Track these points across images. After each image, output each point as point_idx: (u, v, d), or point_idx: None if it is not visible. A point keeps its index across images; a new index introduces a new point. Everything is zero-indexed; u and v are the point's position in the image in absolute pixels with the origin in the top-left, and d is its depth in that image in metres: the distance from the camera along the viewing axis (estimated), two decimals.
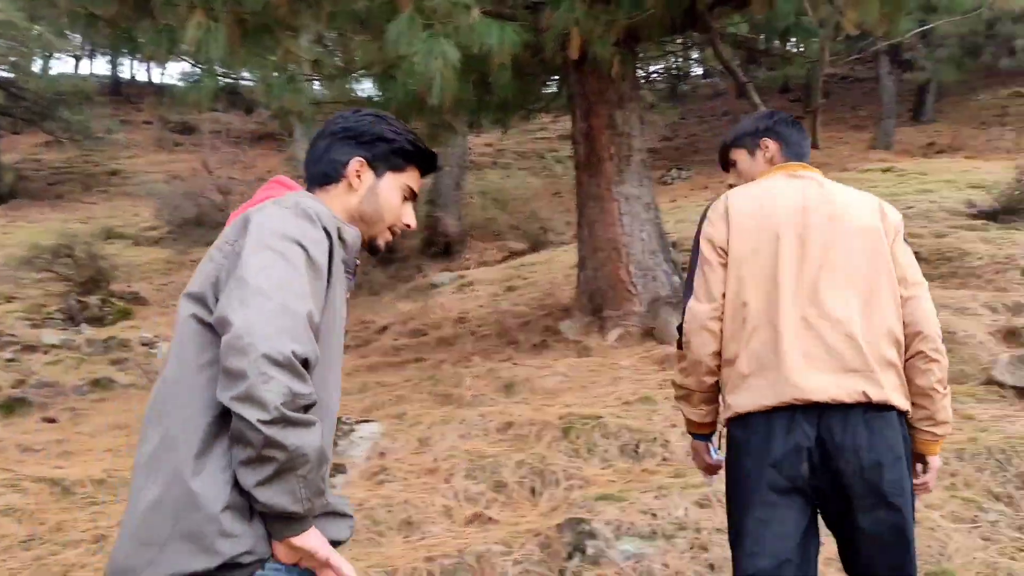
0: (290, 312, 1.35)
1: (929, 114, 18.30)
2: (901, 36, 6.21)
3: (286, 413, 1.30)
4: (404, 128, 1.80)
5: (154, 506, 1.37)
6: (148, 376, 9.18)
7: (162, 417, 1.43)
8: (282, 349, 1.31)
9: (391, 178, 1.77)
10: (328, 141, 1.75)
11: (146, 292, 14.88)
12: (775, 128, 2.40)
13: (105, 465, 4.77)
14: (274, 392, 1.29)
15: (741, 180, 2.41)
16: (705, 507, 3.71)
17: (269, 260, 1.40)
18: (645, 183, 6.69)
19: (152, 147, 27.78)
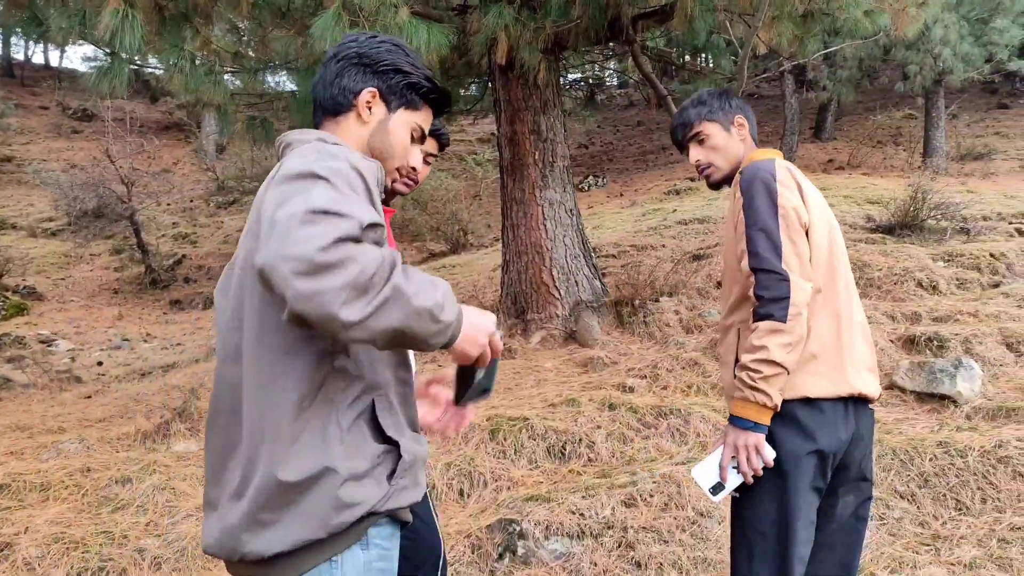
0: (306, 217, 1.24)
1: (829, 132, 19.27)
2: (807, 57, 6.53)
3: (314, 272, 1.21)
4: (420, 62, 1.67)
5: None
6: (48, 375, 8.74)
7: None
8: (298, 256, 1.21)
9: (403, 115, 1.64)
10: (340, 65, 1.61)
11: (43, 287, 14.15)
12: (743, 107, 2.36)
13: (7, 469, 4.52)
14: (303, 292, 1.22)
15: (715, 156, 2.31)
16: (631, 506, 3.82)
17: (284, 194, 1.30)
18: (568, 188, 6.81)
19: (49, 134, 26.35)
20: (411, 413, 1.58)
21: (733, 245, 2.21)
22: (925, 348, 5.53)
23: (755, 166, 2.16)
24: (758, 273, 2.03)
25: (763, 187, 2.09)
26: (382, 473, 1.45)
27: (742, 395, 2.05)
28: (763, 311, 2.01)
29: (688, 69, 9.06)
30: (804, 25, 6.31)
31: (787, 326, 1.99)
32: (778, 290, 2.01)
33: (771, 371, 2.00)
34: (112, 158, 17.33)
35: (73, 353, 10.43)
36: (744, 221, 2.10)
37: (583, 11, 5.45)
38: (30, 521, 3.88)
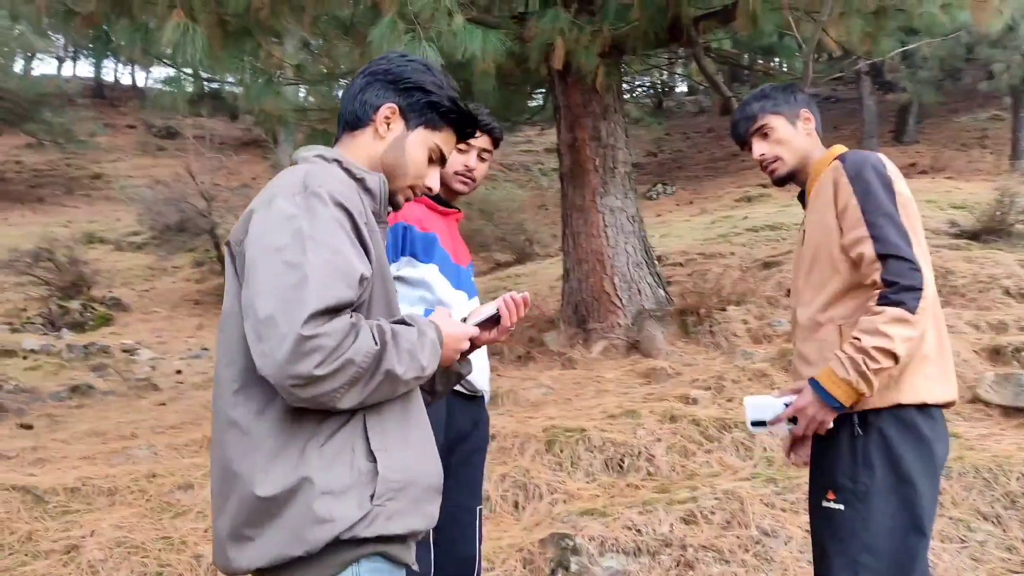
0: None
1: (911, 135, 18.51)
2: (883, 56, 6.25)
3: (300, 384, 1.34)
4: (451, 84, 1.65)
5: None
6: (128, 383, 9.06)
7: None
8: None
9: (422, 134, 1.62)
10: (366, 80, 1.62)
11: (128, 298, 14.74)
12: (809, 101, 2.26)
13: (80, 473, 4.67)
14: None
15: (781, 150, 2.21)
16: (691, 523, 3.68)
17: (273, 272, 1.37)
18: (630, 195, 6.69)
19: (135, 151, 27.56)
20: (419, 426, 1.56)
21: (829, 235, 2.06)
22: (1012, 359, 5.20)
23: (859, 153, 2.08)
24: (888, 259, 1.91)
25: (876, 174, 2.01)
26: (365, 492, 1.40)
27: (845, 374, 1.91)
28: (895, 297, 1.90)
29: (758, 71, 8.80)
30: (876, 22, 6.04)
31: (915, 318, 1.89)
32: (912, 279, 1.90)
33: (887, 363, 1.89)
34: (193, 174, 18.00)
35: (154, 362, 10.80)
36: (860, 207, 1.98)
37: (641, 13, 5.34)
38: (96, 524, 3.98)
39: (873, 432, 1.98)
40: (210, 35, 5.22)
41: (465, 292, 2.51)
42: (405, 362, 1.41)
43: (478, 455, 2.57)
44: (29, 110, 21.97)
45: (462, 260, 2.56)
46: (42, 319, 12.32)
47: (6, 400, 7.74)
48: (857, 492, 1.95)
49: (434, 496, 1.55)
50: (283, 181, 1.46)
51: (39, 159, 25.51)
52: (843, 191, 2.02)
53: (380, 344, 1.37)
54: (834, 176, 2.07)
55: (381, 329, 1.40)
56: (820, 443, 2.08)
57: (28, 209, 22.03)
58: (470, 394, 2.49)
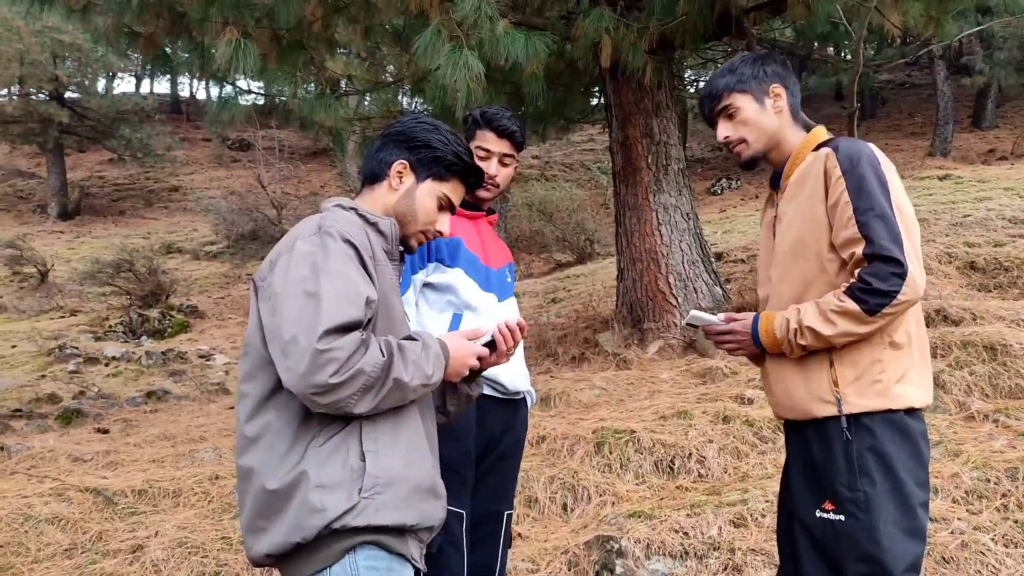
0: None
1: (990, 120, 17.69)
2: (951, 39, 5.98)
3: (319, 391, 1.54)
4: (457, 140, 1.88)
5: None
6: (201, 388, 9.40)
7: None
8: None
9: (430, 185, 1.85)
10: (382, 142, 1.88)
11: (204, 305, 15.26)
12: (781, 73, 2.10)
13: (147, 476, 4.87)
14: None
15: (746, 131, 2.07)
16: (739, 526, 3.60)
17: (297, 302, 1.60)
18: (684, 192, 6.59)
19: (211, 163, 28.59)
20: (411, 434, 1.71)
21: (819, 231, 1.95)
22: None
23: (852, 142, 1.95)
24: (874, 260, 1.84)
25: (871, 168, 1.89)
26: (355, 486, 1.59)
27: (778, 331, 1.97)
28: (860, 295, 1.84)
29: (816, 60, 8.55)
30: (940, 4, 5.80)
31: (868, 321, 1.85)
32: (888, 284, 1.84)
33: (817, 344, 1.92)
34: (263, 184, 18.56)
35: (228, 367, 11.15)
36: (853, 205, 1.87)
37: (689, 8, 5.26)
38: (160, 525, 4.15)
39: (866, 438, 1.90)
40: (264, 50, 5.38)
41: (495, 294, 2.51)
42: (411, 371, 1.62)
43: (507, 461, 2.55)
44: (110, 127, 23.04)
45: (494, 262, 2.56)
46: (123, 327, 12.88)
47: (86, 406, 8.12)
48: (857, 501, 1.88)
49: (428, 496, 1.71)
50: (302, 227, 1.69)
51: (120, 174, 26.71)
52: (835, 184, 1.91)
53: (387, 355, 1.59)
54: (825, 165, 1.94)
55: (388, 343, 1.62)
56: (808, 453, 2.00)
57: (111, 222, 23.09)
58: (503, 397, 2.48)
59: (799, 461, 2.04)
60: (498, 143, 2.49)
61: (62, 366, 10.52)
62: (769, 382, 2.12)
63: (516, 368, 2.50)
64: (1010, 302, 6.21)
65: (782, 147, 2.09)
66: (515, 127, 2.53)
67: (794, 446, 2.07)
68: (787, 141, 2.09)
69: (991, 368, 4.83)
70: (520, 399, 2.58)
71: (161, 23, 5.23)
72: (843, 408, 1.91)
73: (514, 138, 2.53)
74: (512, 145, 2.54)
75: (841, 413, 1.91)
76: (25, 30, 19.31)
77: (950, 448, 4.03)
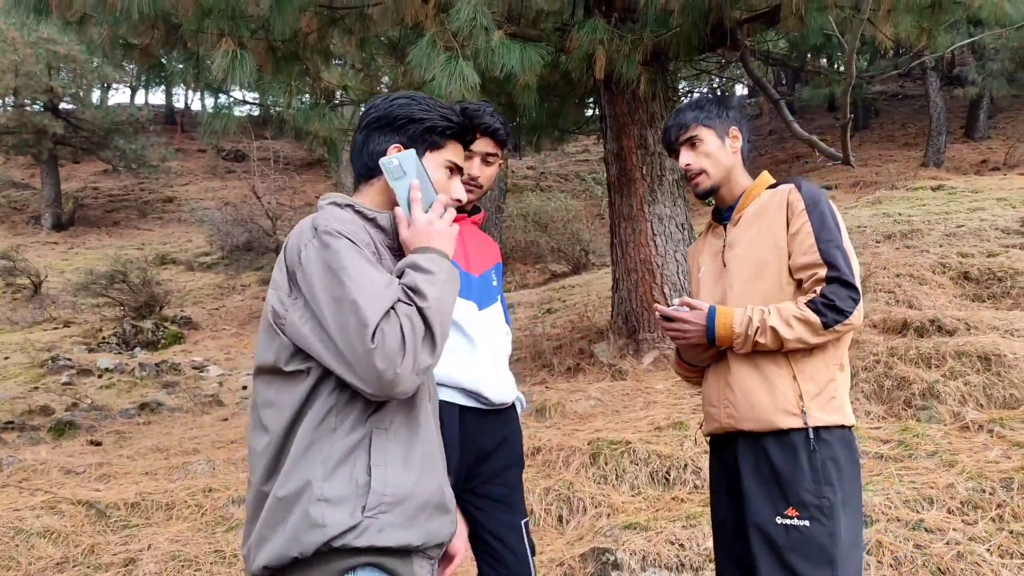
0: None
1: (982, 131, 17.79)
2: (941, 51, 6.02)
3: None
4: (436, 104, 1.78)
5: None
6: (195, 400, 9.36)
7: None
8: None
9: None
10: (364, 134, 1.77)
11: (198, 316, 15.21)
12: (739, 120, 2.33)
13: (140, 488, 4.83)
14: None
15: (707, 163, 2.27)
16: None
17: (333, 309, 1.55)
18: (679, 203, 6.60)
19: (205, 174, 28.57)
20: (424, 444, 1.64)
21: (780, 255, 2.14)
22: None
23: (810, 185, 2.18)
24: (834, 282, 2.04)
25: (830, 209, 2.13)
26: (359, 503, 1.51)
27: (738, 328, 2.08)
28: (821, 308, 2.03)
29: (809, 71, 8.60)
30: (932, 16, 5.83)
31: (823, 333, 2.03)
32: (845, 304, 2.03)
33: (772, 345, 2.06)
34: (258, 195, 18.54)
35: (222, 378, 11.12)
36: (815, 236, 2.09)
37: (683, 19, 5.28)
38: (153, 539, 4.12)
39: (826, 448, 2.05)
40: (260, 61, 5.38)
41: (474, 302, 2.38)
42: (431, 292, 1.57)
43: (509, 472, 2.45)
44: (105, 138, 23.02)
45: (475, 267, 2.42)
46: (116, 338, 12.83)
47: (79, 418, 8.08)
48: (823, 507, 2.01)
49: (436, 513, 1.63)
50: (299, 235, 1.62)
51: (114, 184, 26.67)
52: (798, 216, 2.12)
53: (411, 303, 1.55)
54: (788, 198, 2.15)
55: (405, 294, 1.56)
56: (767, 462, 2.09)
57: (104, 233, 23.04)
58: (487, 408, 2.37)
59: (754, 470, 2.12)
60: (480, 142, 2.34)
61: (55, 378, 10.47)
62: (724, 394, 2.19)
63: (501, 380, 2.41)
64: (1004, 312, 6.23)
65: (732, 184, 2.31)
66: (498, 124, 2.38)
67: (745, 456, 2.15)
68: (738, 180, 2.31)
69: (985, 378, 4.83)
70: (508, 408, 2.48)
71: (157, 34, 5.24)
72: (808, 420, 2.05)
73: (497, 135, 2.39)
74: (495, 143, 2.40)
75: (807, 425, 2.05)
76: (20, 41, 19.32)
77: (945, 458, 4.02)
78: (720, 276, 2.28)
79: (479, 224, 2.57)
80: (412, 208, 1.67)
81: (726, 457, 2.23)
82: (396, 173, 1.68)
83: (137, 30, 5.25)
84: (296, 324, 1.56)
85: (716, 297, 2.27)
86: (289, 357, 1.57)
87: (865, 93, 14.71)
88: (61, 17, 5.34)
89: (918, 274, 7.04)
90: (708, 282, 2.32)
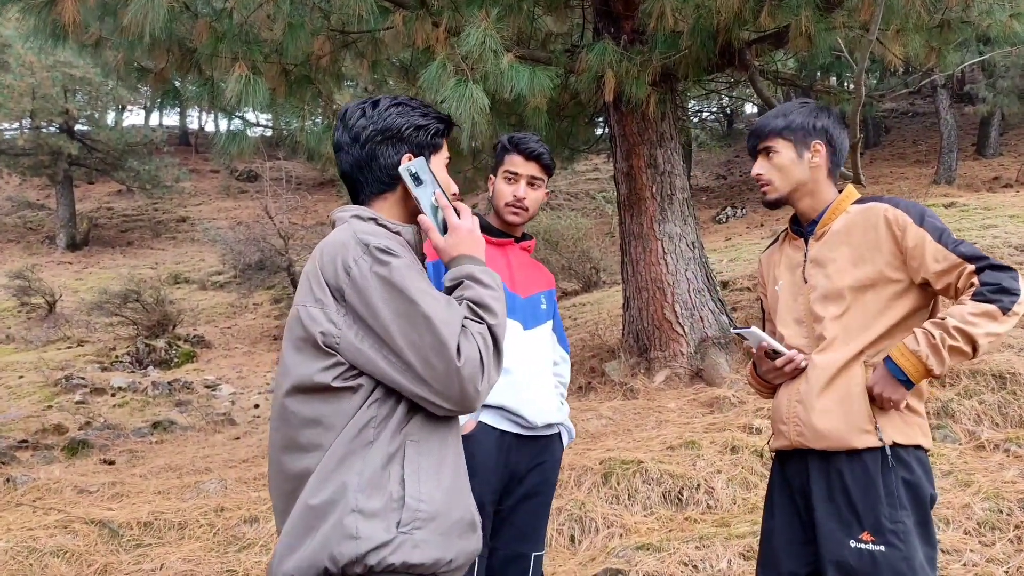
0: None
1: (993, 148, 17.75)
2: (951, 69, 6.04)
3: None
4: (421, 103, 1.78)
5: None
6: (207, 418, 9.39)
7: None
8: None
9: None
10: (368, 148, 1.70)
11: (211, 335, 15.29)
12: (830, 130, 2.21)
13: (153, 507, 4.85)
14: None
15: (776, 175, 2.19)
16: (749, 559, 3.57)
17: (402, 326, 1.54)
18: (689, 221, 6.61)
19: (218, 194, 28.79)
20: (455, 458, 1.63)
21: (874, 270, 2.07)
22: None
23: (908, 202, 2.13)
24: (988, 270, 1.96)
25: (939, 220, 2.08)
26: (394, 518, 1.49)
27: (915, 346, 1.96)
28: (991, 296, 1.93)
29: (819, 90, 8.63)
30: (941, 36, 5.86)
31: (1006, 318, 1.93)
32: (1012, 283, 1.94)
33: (966, 347, 1.93)
34: (271, 215, 18.68)
35: (234, 396, 11.16)
36: (937, 242, 2.02)
37: (691, 40, 5.32)
38: (166, 558, 4.13)
39: (902, 468, 1.99)
40: (273, 84, 5.45)
41: (519, 322, 2.45)
42: (498, 308, 1.58)
43: (535, 500, 2.45)
44: (119, 159, 23.27)
45: (521, 290, 2.50)
46: (130, 357, 12.91)
47: (92, 436, 8.12)
48: (898, 532, 1.94)
49: (467, 531, 1.60)
50: (340, 246, 1.57)
51: (128, 205, 26.92)
52: (909, 231, 2.04)
53: (481, 320, 1.55)
54: (887, 216, 2.08)
55: (471, 310, 1.56)
56: (841, 484, 2.03)
57: (119, 253, 23.23)
58: (528, 434, 2.40)
59: (826, 494, 2.05)
60: (525, 165, 2.52)
61: (69, 396, 10.54)
62: (794, 411, 2.13)
63: (539, 399, 2.42)
64: (1018, 330, 6.18)
65: (816, 198, 2.21)
66: (542, 150, 2.55)
67: (817, 478, 2.08)
68: (820, 193, 2.20)
69: (1000, 397, 4.80)
70: (552, 435, 2.49)
71: (171, 58, 5.32)
72: (883, 438, 1.99)
73: (541, 160, 2.54)
74: (540, 167, 2.55)
75: (882, 443, 1.99)
76: (38, 65, 19.62)
77: (961, 478, 3.99)
78: (800, 291, 2.20)
79: (530, 252, 2.67)
80: (448, 215, 1.65)
81: (789, 473, 2.18)
82: (416, 181, 1.66)
83: (152, 54, 5.34)
84: (352, 341, 1.52)
85: (796, 313, 2.20)
86: (340, 374, 1.54)
87: (876, 111, 14.70)
88: (77, 41, 5.43)
89: None
90: (787, 297, 2.24)
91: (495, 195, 2.58)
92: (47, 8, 4.95)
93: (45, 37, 5.30)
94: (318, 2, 5.84)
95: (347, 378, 1.54)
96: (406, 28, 5.26)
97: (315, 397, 1.56)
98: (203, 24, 5.19)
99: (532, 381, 2.42)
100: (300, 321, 1.57)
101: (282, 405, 1.60)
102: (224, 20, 5.25)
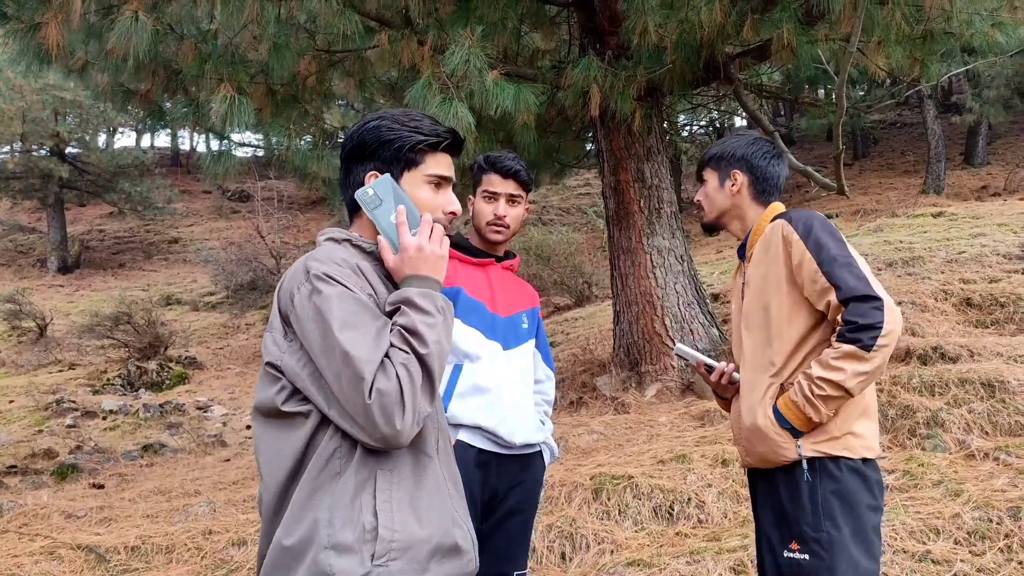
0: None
1: (981, 157, 17.88)
2: (937, 79, 6.08)
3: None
4: (408, 118, 1.69)
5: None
6: (198, 440, 9.32)
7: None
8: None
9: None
10: (344, 168, 1.72)
11: (203, 356, 15.21)
12: (751, 159, 2.33)
13: (141, 531, 4.80)
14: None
15: (705, 201, 2.38)
16: (740, 573, 3.55)
17: (332, 363, 1.49)
18: (677, 235, 6.63)
19: (210, 215, 28.79)
20: (428, 491, 1.57)
21: (776, 291, 2.14)
22: None
23: (801, 213, 2.18)
24: (851, 302, 1.98)
25: (822, 225, 2.12)
26: (368, 550, 1.45)
27: (794, 396, 2.04)
28: (851, 336, 1.97)
29: (803, 102, 8.68)
30: (923, 47, 5.90)
31: (869, 355, 1.95)
32: (871, 317, 1.97)
33: (835, 393, 1.98)
34: (262, 234, 18.67)
35: (226, 418, 11.09)
36: (815, 260, 2.06)
37: (675, 55, 5.35)
38: None
39: (829, 481, 2.02)
40: (259, 104, 5.46)
41: (499, 342, 2.43)
42: (431, 336, 1.50)
43: (516, 519, 2.43)
44: (110, 181, 23.26)
45: (502, 309, 2.48)
46: (121, 380, 12.82)
47: (83, 460, 8.05)
48: (821, 541, 1.99)
49: (448, 555, 1.56)
50: (292, 274, 1.58)
51: (120, 227, 26.87)
52: (796, 247, 2.10)
53: (410, 350, 1.48)
54: (783, 232, 2.14)
55: (402, 337, 1.49)
56: (776, 494, 2.11)
57: (110, 275, 23.16)
58: (506, 452, 2.39)
59: (768, 504, 2.15)
60: (503, 184, 2.53)
61: (59, 420, 10.46)
62: (738, 431, 2.26)
63: (517, 418, 2.41)
64: (1007, 338, 6.20)
65: (744, 221, 2.34)
66: (519, 167, 2.55)
67: (761, 491, 2.19)
68: (747, 216, 2.34)
69: (990, 405, 4.79)
70: (532, 454, 2.48)
71: (157, 80, 5.33)
72: (802, 452, 2.05)
73: (518, 177, 2.55)
74: (518, 184, 2.55)
75: (801, 456, 2.05)
76: (27, 88, 19.64)
77: (951, 487, 3.98)
78: (739, 313, 2.31)
79: (513, 270, 2.65)
80: (400, 233, 1.59)
81: (752, 487, 2.28)
82: (372, 203, 1.60)
83: (138, 76, 5.35)
84: (294, 367, 1.51)
85: (738, 334, 2.30)
86: (287, 398, 1.52)
87: (863, 122, 14.84)
88: (64, 65, 5.44)
89: (920, 301, 7.03)
90: (735, 320, 2.35)
91: (475, 215, 2.58)
92: (31, 32, 4.96)
93: (30, 60, 5.30)
94: (304, 22, 5.86)
95: (294, 402, 1.52)
96: (392, 47, 5.29)
97: (271, 421, 1.55)
98: (188, 45, 5.21)
99: (510, 400, 2.41)
100: (263, 343, 1.60)
101: (254, 426, 1.61)
102: (209, 41, 5.27)
